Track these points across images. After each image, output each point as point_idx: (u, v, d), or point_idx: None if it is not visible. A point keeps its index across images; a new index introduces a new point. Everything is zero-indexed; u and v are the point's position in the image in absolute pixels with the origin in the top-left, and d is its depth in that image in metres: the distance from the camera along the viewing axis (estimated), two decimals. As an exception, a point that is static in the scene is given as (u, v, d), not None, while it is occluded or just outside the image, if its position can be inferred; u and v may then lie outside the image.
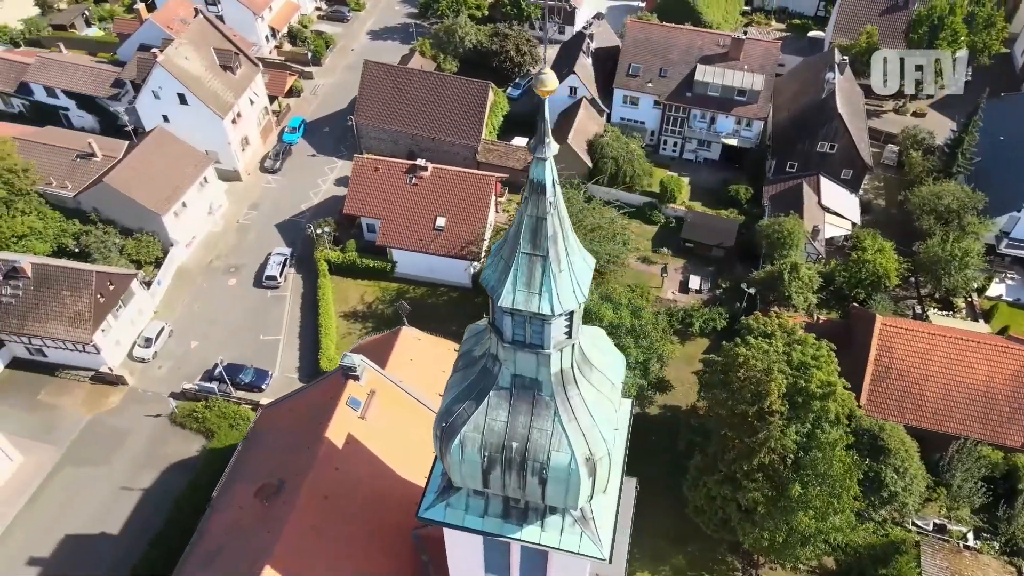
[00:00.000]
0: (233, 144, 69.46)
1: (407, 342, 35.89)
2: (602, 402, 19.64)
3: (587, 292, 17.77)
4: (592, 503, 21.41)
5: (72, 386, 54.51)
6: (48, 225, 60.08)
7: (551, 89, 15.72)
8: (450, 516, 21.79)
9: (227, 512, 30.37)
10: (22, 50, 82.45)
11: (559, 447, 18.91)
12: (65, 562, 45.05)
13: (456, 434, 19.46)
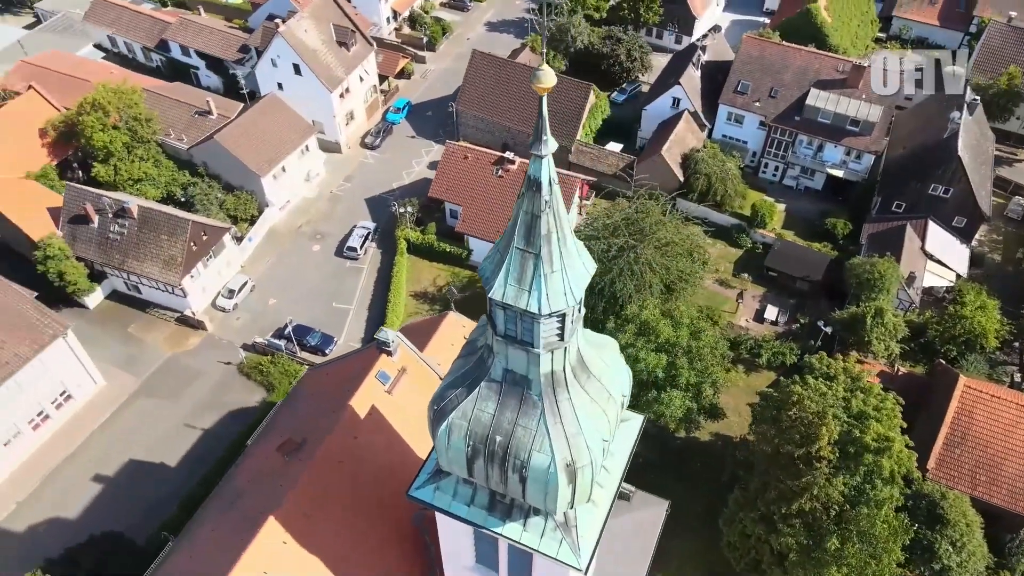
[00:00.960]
0: (338, 117, 72.34)
1: (451, 327, 36.41)
2: (594, 412, 19.31)
3: (580, 296, 17.51)
4: (578, 512, 21.13)
5: (158, 324, 58.57)
6: (162, 173, 64.62)
7: (547, 86, 15.62)
8: (437, 499, 22.05)
9: (254, 460, 31.93)
10: (167, 10, 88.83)
11: (540, 448, 18.78)
12: (124, 483, 48.58)
13: (445, 419, 19.67)
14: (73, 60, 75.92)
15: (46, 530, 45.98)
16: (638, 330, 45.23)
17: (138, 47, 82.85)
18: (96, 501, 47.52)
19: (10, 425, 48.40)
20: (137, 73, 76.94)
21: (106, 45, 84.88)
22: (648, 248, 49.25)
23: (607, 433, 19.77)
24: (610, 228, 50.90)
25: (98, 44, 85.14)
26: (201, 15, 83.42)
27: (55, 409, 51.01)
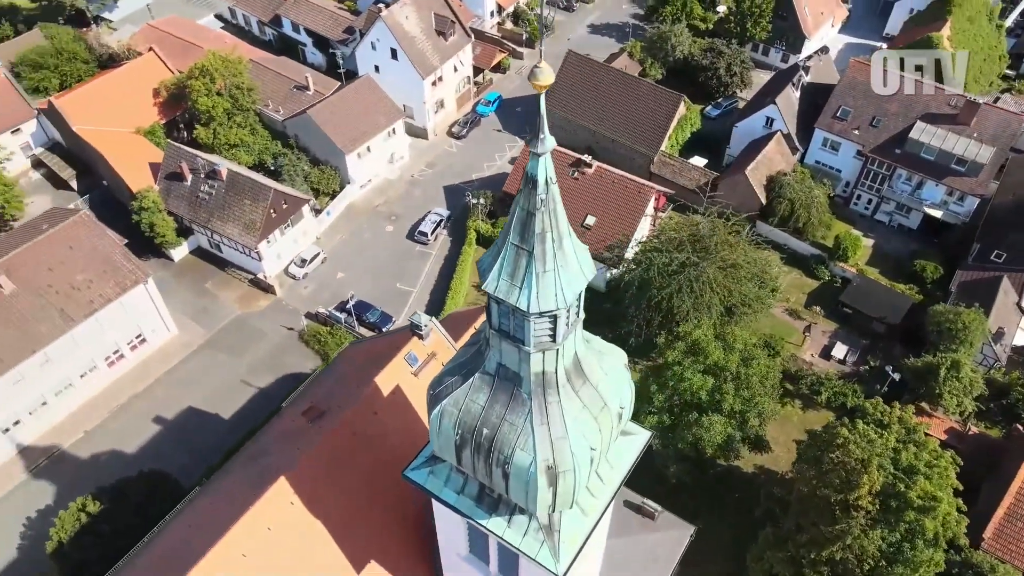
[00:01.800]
0: (428, 104, 73.86)
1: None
2: (584, 419, 19.09)
3: (571, 299, 17.31)
4: (563, 517, 20.94)
5: (233, 283, 61.62)
6: (256, 141, 67.83)
7: (544, 83, 15.52)
8: (430, 483, 22.34)
9: (282, 421, 33.25)
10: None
11: (524, 446, 18.72)
12: (179, 427, 51.48)
13: (438, 404, 19.92)
14: (193, 27, 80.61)
15: (104, 460, 49.34)
16: (687, 349, 44.17)
17: (254, 20, 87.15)
18: (152, 440, 50.57)
19: (88, 359, 52.10)
20: (249, 44, 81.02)
21: (226, 16, 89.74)
22: (711, 267, 47.97)
23: (597, 442, 19.49)
24: (675, 242, 49.89)
25: (219, 14, 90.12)
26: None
27: (129, 350, 54.54)
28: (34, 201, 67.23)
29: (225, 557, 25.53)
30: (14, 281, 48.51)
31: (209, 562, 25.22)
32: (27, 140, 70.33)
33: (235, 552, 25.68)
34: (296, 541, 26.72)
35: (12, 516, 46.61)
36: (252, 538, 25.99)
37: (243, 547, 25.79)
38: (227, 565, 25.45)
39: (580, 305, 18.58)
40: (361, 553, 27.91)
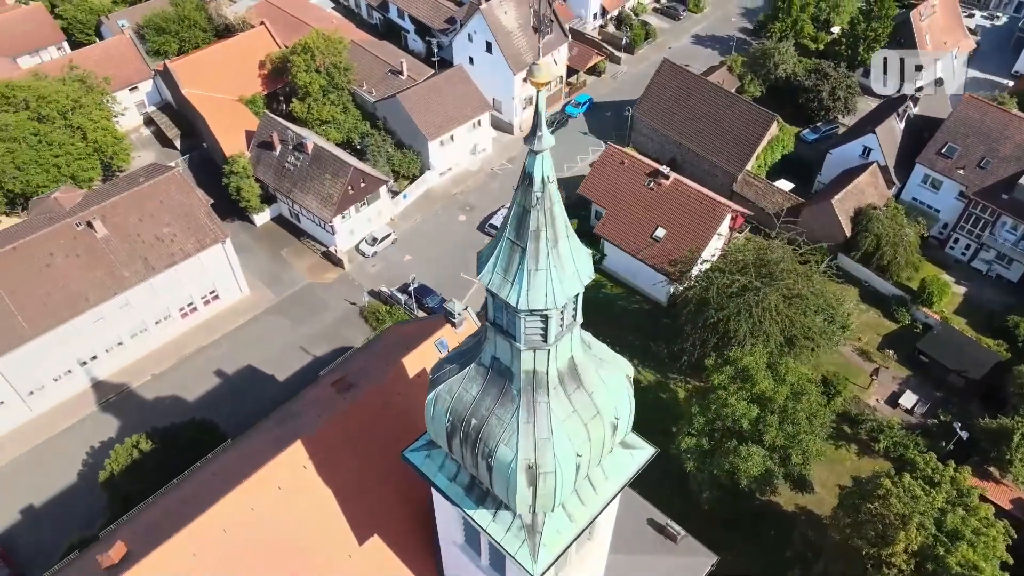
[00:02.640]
0: (516, 100, 74.36)
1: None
2: (572, 424, 18.90)
3: (562, 301, 17.11)
4: (547, 519, 20.79)
5: (306, 253, 64.06)
6: (347, 120, 70.15)
7: (542, 81, 15.38)
8: (425, 466, 22.65)
9: (316, 389, 34.40)
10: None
11: (508, 442, 18.72)
12: (235, 383, 54.03)
13: (435, 388, 20.18)
14: (304, 5, 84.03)
15: (163, 403, 52.38)
16: (735, 374, 42.84)
17: (364, 3, 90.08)
18: (209, 391, 53.30)
19: (164, 308, 55.42)
20: (355, 26, 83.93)
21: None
22: (773, 294, 46.24)
23: (584, 449, 19.26)
24: (739, 264, 48.37)
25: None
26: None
27: (202, 304, 57.64)
28: (141, 155, 71.96)
29: (233, 508, 26.70)
30: (108, 227, 52.10)
31: (218, 511, 26.46)
32: (142, 98, 75.35)
33: (244, 505, 26.82)
34: (304, 503, 27.64)
35: (78, 443, 50.21)
36: (262, 494, 27.07)
37: (252, 502, 26.90)
38: (234, 516, 26.62)
39: (577, 309, 18.38)
40: (365, 525, 28.57)
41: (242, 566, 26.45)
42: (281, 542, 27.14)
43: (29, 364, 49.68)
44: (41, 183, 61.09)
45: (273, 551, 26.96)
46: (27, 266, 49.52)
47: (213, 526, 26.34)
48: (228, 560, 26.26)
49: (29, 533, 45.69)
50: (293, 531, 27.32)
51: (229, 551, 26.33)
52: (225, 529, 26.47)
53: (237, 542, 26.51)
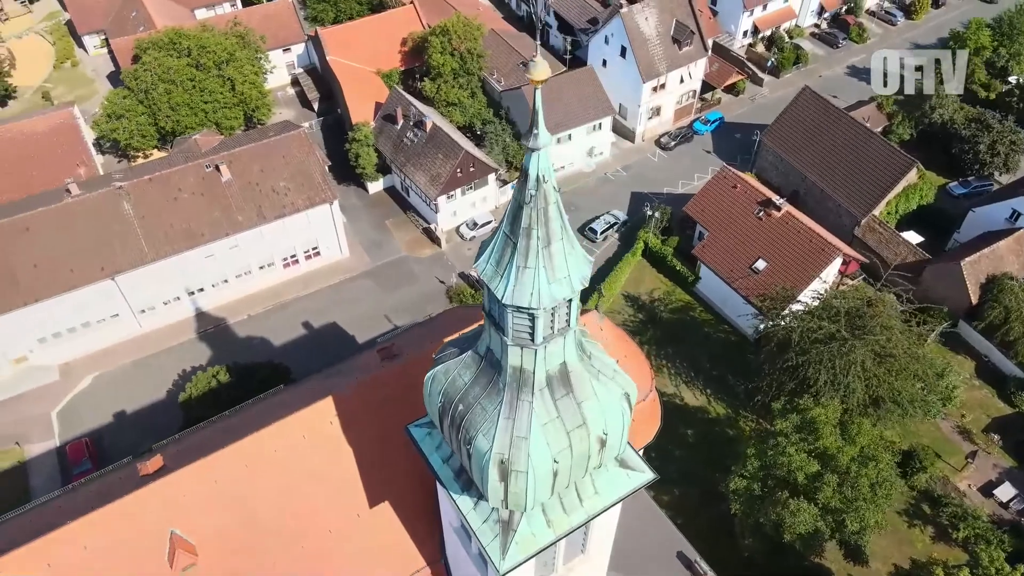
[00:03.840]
0: (643, 108, 73.27)
1: (586, 322, 36.07)
2: (554, 429, 18.64)
3: (548, 303, 16.81)
4: (523, 520, 20.64)
5: (408, 227, 66.35)
6: (473, 105, 71.77)
7: (539, 78, 15.20)
8: (424, 443, 23.08)
9: (364, 355, 35.76)
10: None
11: (486, 433, 18.75)
12: (318, 337, 56.95)
13: (434, 368, 20.53)
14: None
15: (249, 343, 56.14)
16: (800, 423, 40.43)
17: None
18: (293, 339, 56.54)
19: (269, 255, 59.26)
20: (499, 16, 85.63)
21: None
22: (862, 349, 43.08)
23: (564, 457, 18.95)
24: (831, 310, 45.46)
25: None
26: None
27: (304, 258, 61.11)
28: (282, 112, 77.05)
29: (259, 447, 28.34)
30: (232, 172, 56.28)
31: (244, 446, 28.20)
32: (293, 60, 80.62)
33: (268, 446, 28.39)
34: (323, 457, 28.88)
35: (172, 365, 54.79)
36: (285, 439, 28.55)
37: (276, 444, 28.42)
38: (258, 454, 28.24)
39: (571, 314, 18.05)
40: (378, 491, 29.48)
41: (256, 500, 28.06)
42: (295, 488, 28.53)
43: (145, 285, 54.67)
44: (189, 125, 66.85)
45: (286, 494, 28.40)
46: (158, 197, 54.46)
47: (237, 459, 28.09)
48: (243, 492, 27.93)
49: (114, 434, 50.47)
50: (308, 480, 28.64)
51: (246, 485, 27.99)
52: (247, 464, 28.16)
53: (255, 479, 28.14)
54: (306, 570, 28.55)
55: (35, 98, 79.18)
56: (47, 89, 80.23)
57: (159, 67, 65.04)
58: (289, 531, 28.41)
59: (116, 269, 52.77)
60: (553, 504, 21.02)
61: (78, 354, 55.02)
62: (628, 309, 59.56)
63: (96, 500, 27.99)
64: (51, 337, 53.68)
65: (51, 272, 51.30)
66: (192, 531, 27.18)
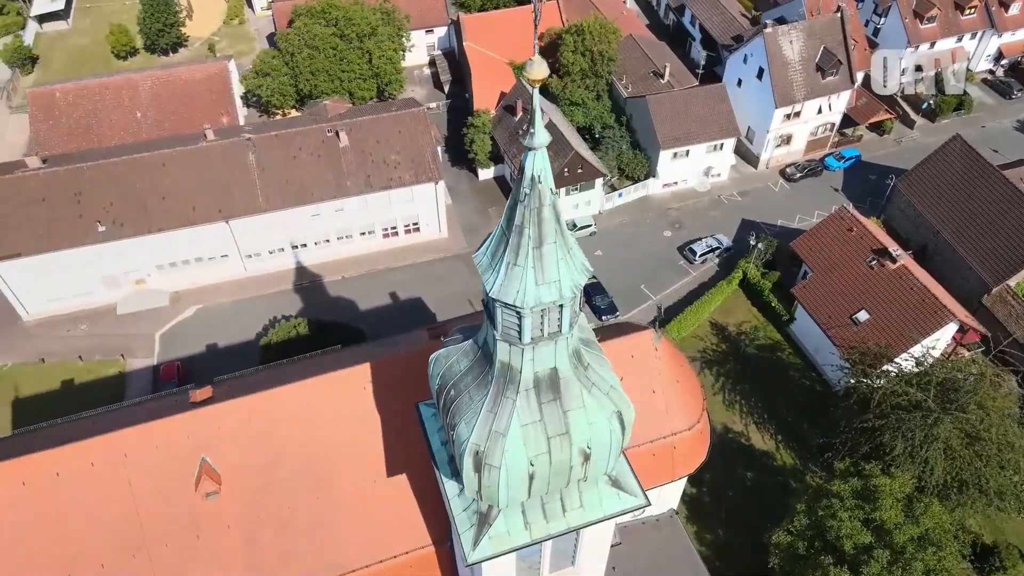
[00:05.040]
0: (771, 135, 70.14)
1: (642, 345, 35.11)
2: (534, 432, 18.46)
3: (532, 302, 16.58)
4: (501, 517, 20.61)
5: (509, 217, 67.09)
6: (596, 107, 71.41)
7: (536, 77, 14.98)
8: (429, 422, 23.51)
9: (417, 333, 36.60)
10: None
11: (468, 422, 18.87)
12: (401, 309, 58.89)
13: (439, 350, 20.84)
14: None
15: (334, 302, 58.95)
16: (861, 489, 37.57)
17: (665, 2, 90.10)
18: (377, 306, 58.81)
19: (370, 223, 61.80)
20: (642, 22, 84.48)
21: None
22: (948, 425, 39.36)
23: (541, 462, 18.76)
24: (922, 377, 41.81)
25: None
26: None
27: (404, 231, 63.32)
28: (413, 91, 79.94)
29: (291, 398, 29.79)
30: (350, 140, 59.08)
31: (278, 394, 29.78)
32: (434, 42, 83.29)
33: (300, 398, 29.79)
34: (351, 419, 29.96)
35: (264, 310, 58.39)
36: (319, 395, 29.85)
37: (308, 398, 29.79)
38: (289, 404, 29.69)
39: (563, 321, 17.75)
40: (398, 461, 30.25)
41: (283, 446, 29.56)
42: (320, 442, 29.80)
43: (254, 233, 58.58)
44: (324, 90, 70.75)
45: (311, 446, 29.73)
46: (280, 153, 58.11)
47: (273, 405, 29.68)
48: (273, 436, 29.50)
49: (202, 363, 54.50)
50: (334, 437, 29.83)
51: (277, 430, 29.54)
52: (281, 411, 29.70)
53: (286, 426, 29.63)
54: (317, 521, 29.81)
55: (202, 49, 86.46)
56: (214, 42, 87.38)
57: (307, 33, 69.18)
58: (307, 481, 29.74)
59: (231, 213, 56.84)
60: (534, 507, 20.86)
61: (188, 285, 59.84)
62: (712, 337, 57.41)
63: (147, 415, 30.51)
64: (168, 266, 58.66)
65: (176, 206, 56.03)
66: (220, 462, 29.05)
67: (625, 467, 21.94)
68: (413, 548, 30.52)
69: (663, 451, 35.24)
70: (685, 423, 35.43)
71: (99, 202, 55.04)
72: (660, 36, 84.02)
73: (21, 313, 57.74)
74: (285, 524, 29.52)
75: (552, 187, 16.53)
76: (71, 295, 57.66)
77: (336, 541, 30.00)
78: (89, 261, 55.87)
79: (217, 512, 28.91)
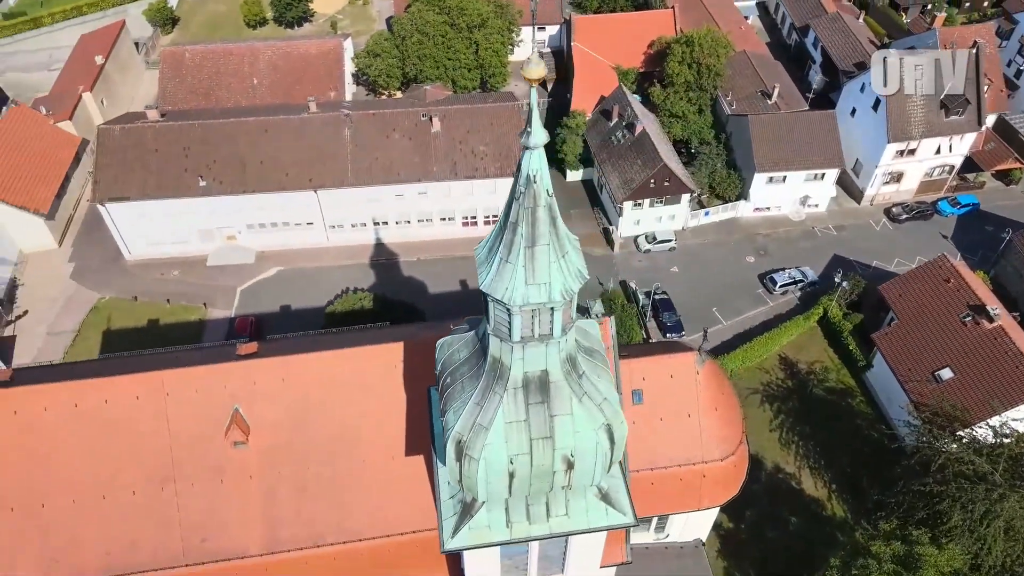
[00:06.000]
0: (881, 170, 66.29)
1: (684, 367, 33.99)
2: (517, 431, 18.37)
3: (518, 301, 16.47)
4: (482, 512, 20.63)
5: (590, 222, 66.88)
6: (696, 122, 69.57)
7: (535, 78, 14.72)
8: (434, 407, 23.78)
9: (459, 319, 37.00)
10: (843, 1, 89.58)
11: (456, 411, 19.00)
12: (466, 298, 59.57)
13: (447, 337, 21.08)
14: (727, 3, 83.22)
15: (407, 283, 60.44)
16: (903, 556, 35.13)
17: (788, 22, 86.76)
18: (444, 291, 59.87)
19: (450, 210, 62.93)
20: (760, 39, 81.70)
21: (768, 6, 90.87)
22: (1013, 504, 36.14)
23: (521, 463, 18.65)
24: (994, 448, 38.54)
25: (762, 1, 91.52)
26: (859, 20, 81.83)
27: (483, 222, 64.04)
28: (517, 85, 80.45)
29: (327, 364, 30.81)
30: (442, 126, 60.33)
31: (314, 359, 30.88)
32: (545, 39, 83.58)
33: (333, 366, 30.72)
34: (379, 393, 30.60)
35: (337, 280, 60.42)
36: (350, 365, 30.67)
37: (341, 367, 30.71)
38: (326, 369, 30.71)
39: (554, 326, 17.52)
40: (418, 443, 30.67)
41: (311, 409, 30.63)
42: (347, 412, 30.68)
43: (340, 204, 60.87)
44: (429, 76, 72.43)
45: (337, 414, 30.64)
46: (374, 132, 60.09)
47: (308, 368, 30.81)
48: (304, 398, 30.60)
49: (273, 320, 57.18)
50: (360, 409, 30.65)
51: (308, 393, 30.63)
52: (315, 376, 30.75)
53: (317, 390, 30.68)
54: (333, 485, 30.76)
55: (325, 26, 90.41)
56: (337, 20, 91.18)
57: (419, 19, 71.03)
58: (329, 446, 30.72)
59: (320, 184, 59.27)
60: (518, 507, 20.77)
61: (273, 247, 62.92)
62: (779, 372, 55.03)
63: (199, 358, 32.41)
64: (257, 226, 61.88)
65: (271, 171, 58.96)
66: (251, 414, 30.44)
67: (619, 484, 21.47)
68: (420, 529, 30.92)
69: (691, 478, 34.14)
70: (718, 453, 34.16)
71: (204, 159, 58.67)
72: (778, 55, 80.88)
73: (125, 253, 62.39)
74: (302, 483, 30.63)
75: (549, 189, 16.37)
76: (169, 242, 61.79)
77: (348, 508, 30.85)
78: (188, 213, 59.71)
79: (242, 461, 30.34)
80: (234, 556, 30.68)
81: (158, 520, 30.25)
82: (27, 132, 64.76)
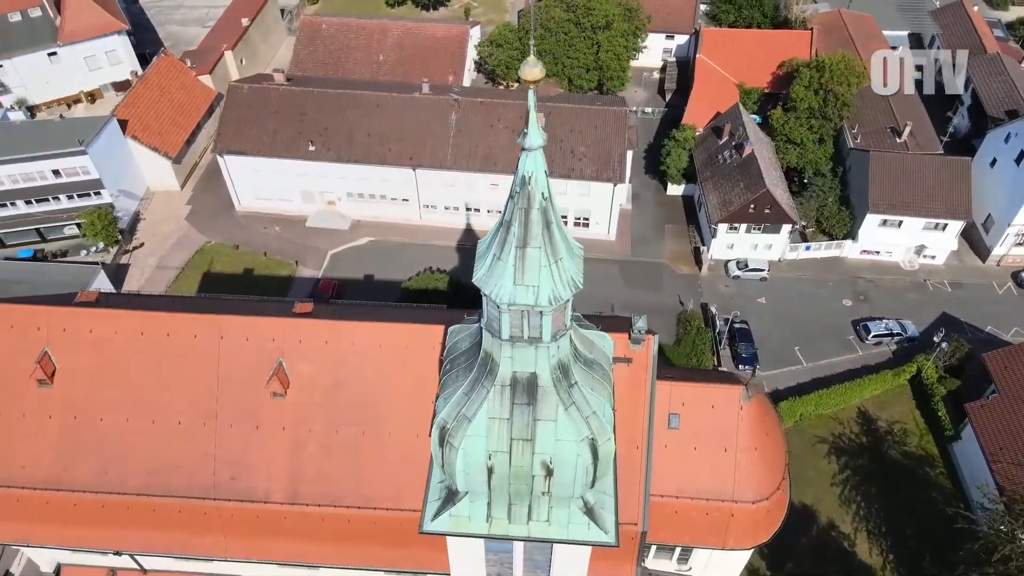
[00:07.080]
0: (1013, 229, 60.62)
1: (725, 394, 32.60)
2: (498, 428, 18.29)
3: (505, 299, 16.29)
4: (463, 503, 20.72)
5: (682, 239, 65.39)
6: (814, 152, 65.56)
7: (533, 79, 14.36)
8: (445, 386, 24.07)
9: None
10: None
11: (447, 398, 19.17)
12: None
13: (458, 324, 21.26)
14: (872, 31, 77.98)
15: (487, 271, 60.75)
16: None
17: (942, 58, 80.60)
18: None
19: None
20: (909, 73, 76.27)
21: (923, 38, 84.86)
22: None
23: (500, 460, 18.60)
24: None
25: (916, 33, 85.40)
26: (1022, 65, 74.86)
27: (573, 224, 63.85)
28: (636, 91, 79.55)
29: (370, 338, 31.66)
30: (546, 122, 60.25)
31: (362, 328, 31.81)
32: (672, 47, 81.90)
33: (375, 337, 31.41)
34: (413, 372, 31.09)
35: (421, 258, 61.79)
36: (391, 339, 31.31)
37: (382, 339, 31.38)
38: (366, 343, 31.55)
39: (543, 331, 17.24)
40: (443, 426, 31.17)
41: (347, 376, 31.63)
42: (381, 385, 31.46)
43: (436, 186, 62.33)
44: (548, 72, 72.52)
45: (371, 386, 31.45)
46: (478, 119, 61.19)
47: (352, 335, 31.84)
48: (343, 363, 31.66)
49: (355, 287, 59.42)
50: (394, 384, 31.34)
51: (347, 359, 31.68)
52: (357, 344, 31.76)
53: (356, 359, 31.67)
54: (357, 451, 31.71)
55: (459, 11, 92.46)
56: (471, 7, 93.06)
57: (545, 14, 71.34)
58: (358, 414, 31.60)
59: (419, 163, 60.91)
60: (500, 505, 20.70)
61: (368, 217, 65.34)
62: (854, 425, 51.65)
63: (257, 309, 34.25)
64: (356, 196, 64.42)
65: (376, 145, 61.17)
66: (293, 370, 31.82)
67: (608, 502, 20.95)
68: (430, 510, 31.36)
69: (718, 514, 32.73)
70: (751, 495, 32.55)
71: (317, 125, 61.64)
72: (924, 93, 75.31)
73: (236, 203, 66.66)
74: (328, 443, 31.75)
75: (545, 192, 16.17)
76: (276, 199, 65.45)
77: (368, 476, 31.69)
78: (295, 174, 62.99)
79: (278, 412, 31.81)
80: (258, 500, 32.27)
81: (197, 452, 32.25)
82: (171, 81, 70.32)
